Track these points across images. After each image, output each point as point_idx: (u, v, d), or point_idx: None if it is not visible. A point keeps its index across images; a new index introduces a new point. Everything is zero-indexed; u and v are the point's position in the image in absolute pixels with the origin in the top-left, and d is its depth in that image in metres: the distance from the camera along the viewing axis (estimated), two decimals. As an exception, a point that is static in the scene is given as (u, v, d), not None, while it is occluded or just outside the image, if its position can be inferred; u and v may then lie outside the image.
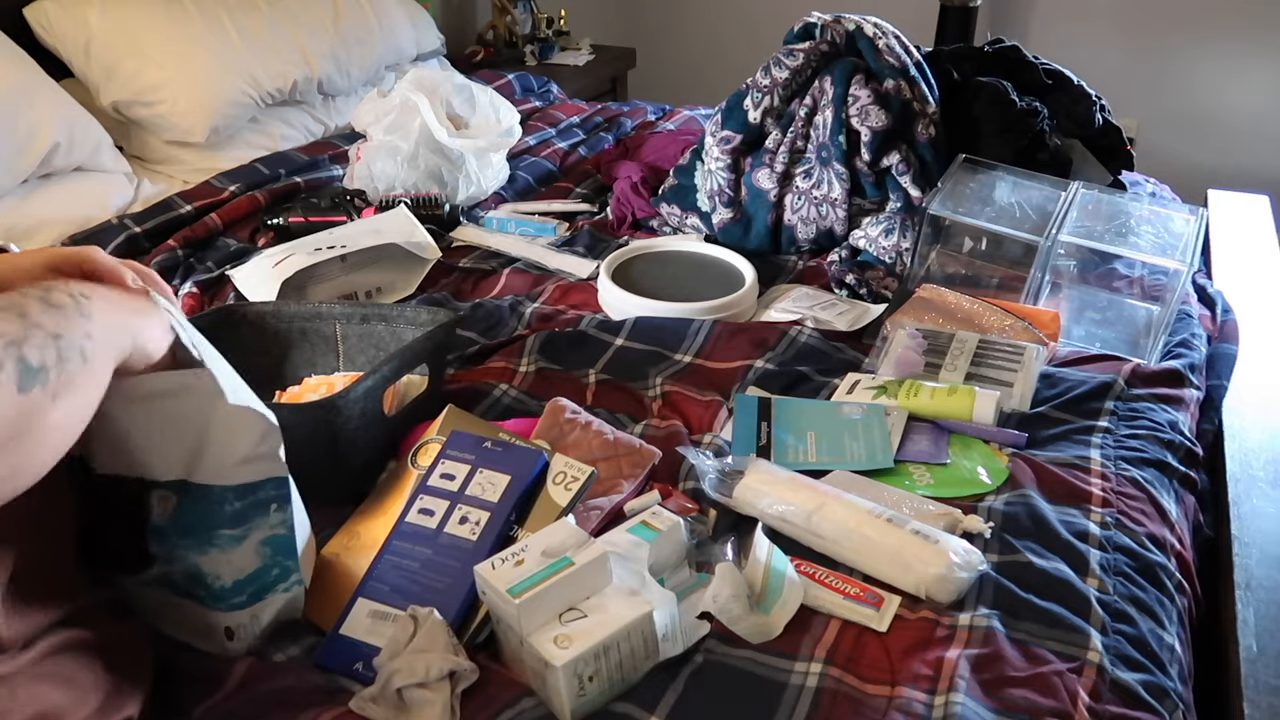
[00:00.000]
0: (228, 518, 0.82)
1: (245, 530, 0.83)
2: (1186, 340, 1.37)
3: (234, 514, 0.82)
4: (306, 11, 2.12)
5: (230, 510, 0.82)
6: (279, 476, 0.83)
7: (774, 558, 0.92)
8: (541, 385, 1.25)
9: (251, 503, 0.83)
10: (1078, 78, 1.73)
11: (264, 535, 0.84)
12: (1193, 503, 1.13)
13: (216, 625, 0.84)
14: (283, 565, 0.85)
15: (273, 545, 0.85)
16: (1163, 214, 1.48)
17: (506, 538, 0.93)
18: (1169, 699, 0.83)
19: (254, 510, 0.83)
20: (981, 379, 1.21)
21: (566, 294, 1.51)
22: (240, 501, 0.82)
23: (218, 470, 0.81)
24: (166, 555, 0.83)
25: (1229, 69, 2.93)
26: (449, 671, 0.79)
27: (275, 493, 0.83)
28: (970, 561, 0.92)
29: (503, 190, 1.90)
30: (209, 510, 0.81)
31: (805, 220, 1.62)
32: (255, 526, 0.83)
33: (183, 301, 1.44)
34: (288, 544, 0.85)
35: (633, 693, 0.82)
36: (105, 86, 1.87)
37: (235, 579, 0.83)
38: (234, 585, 0.83)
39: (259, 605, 0.85)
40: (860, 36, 1.65)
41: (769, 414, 1.17)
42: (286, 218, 1.67)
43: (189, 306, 1.43)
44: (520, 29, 3.01)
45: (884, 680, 0.84)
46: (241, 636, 0.85)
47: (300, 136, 2.11)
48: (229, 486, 0.81)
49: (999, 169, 1.55)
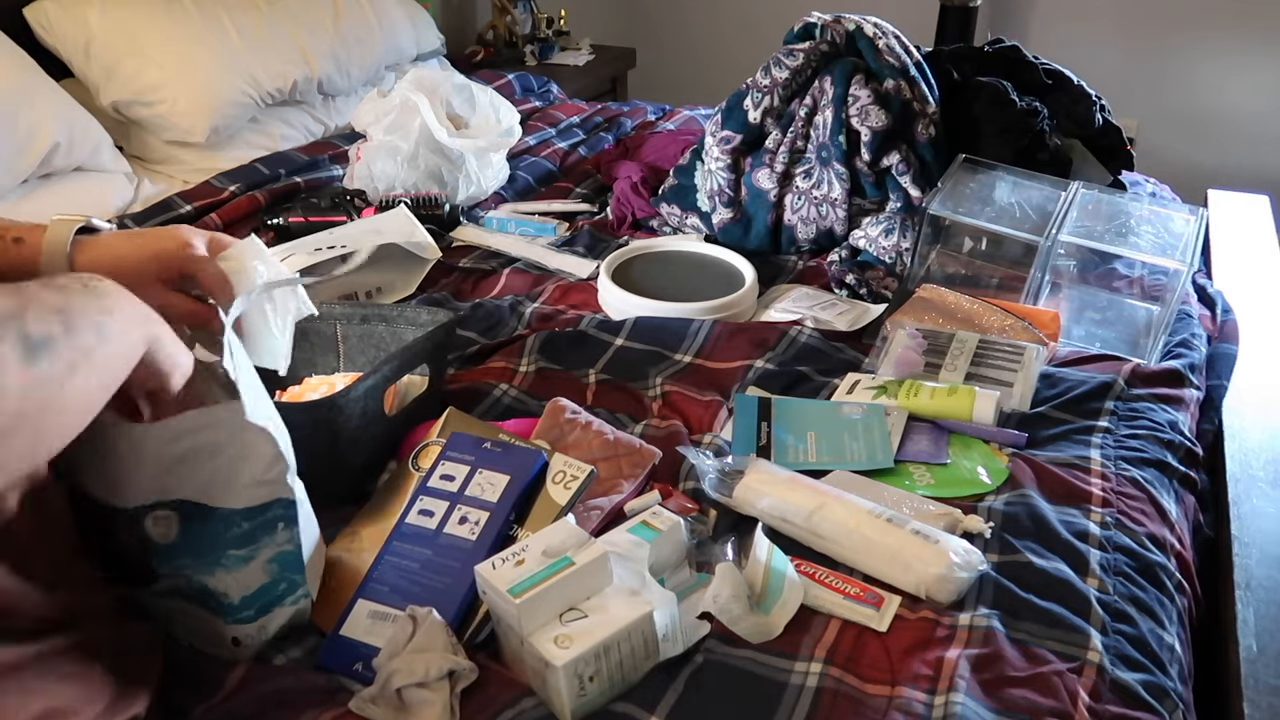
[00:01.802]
0: (235, 539, 0.81)
1: (253, 550, 0.82)
2: (1186, 340, 1.37)
3: (241, 535, 0.82)
4: (306, 11, 2.12)
5: (238, 532, 0.81)
6: (287, 498, 0.83)
7: (774, 558, 0.92)
8: (541, 385, 1.25)
9: (260, 523, 0.82)
10: (1078, 78, 1.73)
11: (272, 554, 0.84)
12: (1193, 503, 1.13)
13: (224, 635, 0.84)
14: (290, 580, 0.85)
15: (280, 562, 0.84)
16: (1163, 214, 1.48)
17: (506, 537, 0.93)
18: (1169, 699, 0.83)
19: (262, 530, 0.83)
20: (981, 379, 1.21)
21: (566, 294, 1.51)
22: (248, 523, 0.82)
23: (225, 494, 0.80)
24: (172, 574, 0.83)
25: (1229, 69, 2.93)
26: (448, 671, 0.79)
27: (283, 513, 0.83)
28: (970, 561, 0.92)
29: (503, 190, 1.90)
30: (216, 532, 0.81)
31: (805, 220, 1.62)
32: (263, 546, 0.83)
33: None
34: (295, 560, 0.85)
35: (633, 693, 0.82)
36: (105, 86, 1.87)
37: (243, 595, 0.83)
38: (241, 601, 0.83)
39: (266, 618, 0.85)
40: (860, 36, 1.65)
41: (769, 414, 1.17)
42: (286, 218, 1.67)
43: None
44: (520, 29, 3.01)
45: (884, 680, 0.84)
46: (249, 645, 0.85)
47: (300, 136, 2.11)
48: (236, 510, 0.81)
49: (999, 169, 1.55)
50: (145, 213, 1.68)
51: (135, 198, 1.78)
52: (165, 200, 1.73)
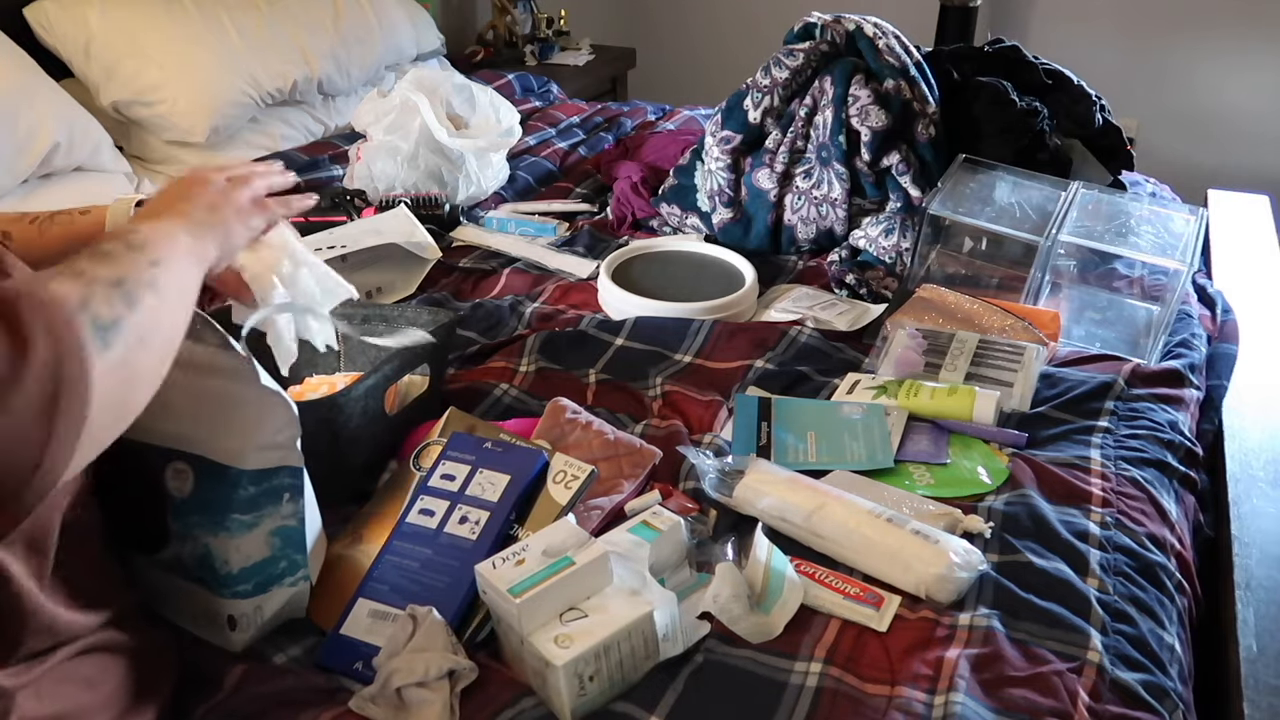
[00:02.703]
0: (242, 502, 0.83)
1: (257, 517, 0.84)
2: (1186, 340, 1.37)
3: (248, 499, 0.83)
4: (306, 11, 2.12)
5: (245, 495, 0.83)
6: (295, 466, 0.84)
7: (774, 558, 0.92)
8: (542, 385, 1.25)
9: (266, 489, 0.84)
10: (1078, 78, 1.73)
11: (275, 525, 0.85)
12: (1193, 503, 1.13)
13: (220, 613, 0.84)
14: (291, 559, 0.86)
15: (282, 536, 0.85)
16: (1163, 214, 1.48)
17: (506, 537, 0.93)
18: (1169, 699, 0.83)
19: (267, 497, 0.84)
20: (981, 379, 1.21)
21: (566, 294, 1.51)
22: (255, 487, 0.83)
23: (238, 452, 0.82)
24: (182, 533, 0.84)
25: (1229, 69, 2.93)
26: (448, 670, 0.79)
27: (290, 482, 0.84)
28: (970, 561, 0.92)
29: (503, 190, 1.90)
30: (224, 491, 0.82)
31: (805, 220, 1.62)
32: (267, 514, 0.84)
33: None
34: (298, 537, 0.86)
35: (633, 692, 0.82)
36: (105, 86, 1.87)
37: (243, 566, 0.84)
38: (240, 572, 0.84)
39: (264, 596, 0.85)
40: (860, 36, 1.65)
41: (769, 414, 1.17)
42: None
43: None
44: (520, 29, 3.01)
45: (884, 680, 0.84)
46: (244, 627, 0.85)
47: (300, 136, 2.11)
48: (245, 470, 0.82)
49: (999, 169, 1.55)
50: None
51: (135, 198, 1.78)
52: (165, 200, 1.73)
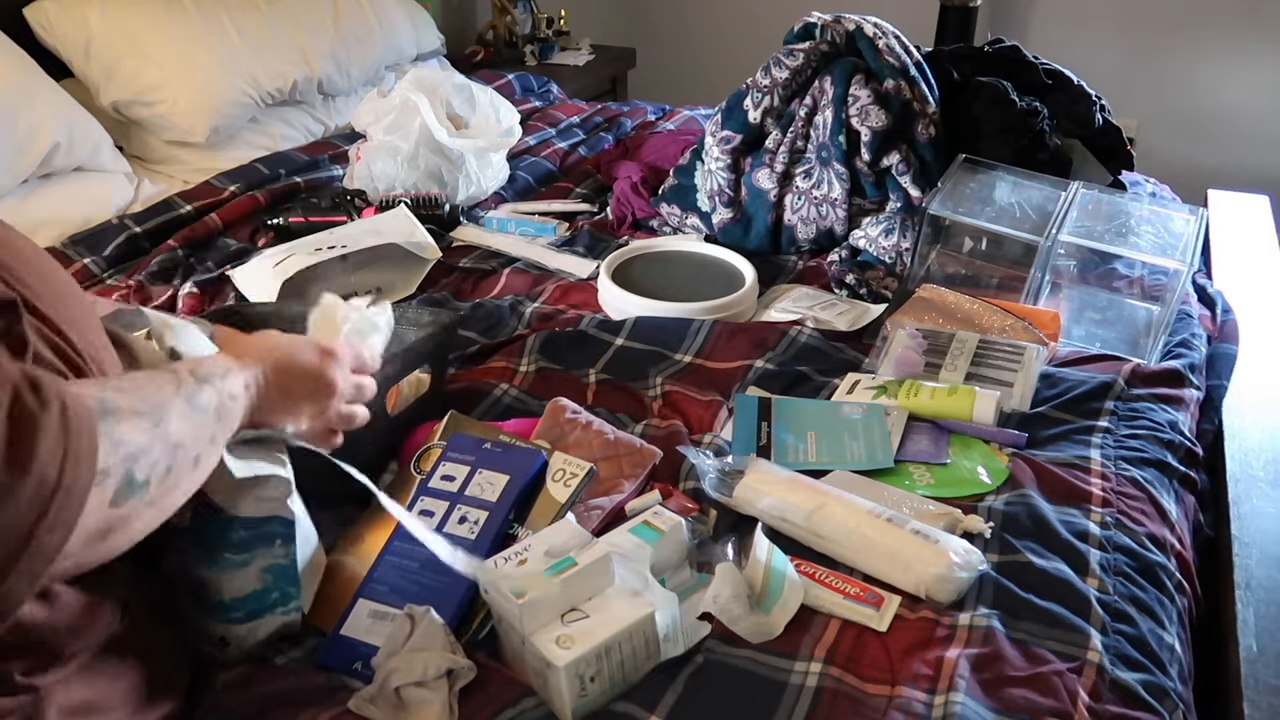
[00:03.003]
0: (234, 543, 0.83)
1: (249, 557, 0.84)
2: (1186, 340, 1.37)
3: (240, 541, 0.83)
4: (306, 11, 2.12)
5: (236, 537, 0.83)
6: (286, 518, 0.84)
7: (774, 558, 0.92)
8: (542, 385, 1.25)
9: (257, 534, 0.84)
10: (1078, 78, 1.73)
11: (267, 563, 0.85)
12: (1193, 503, 1.13)
13: (213, 633, 0.84)
14: (284, 590, 0.86)
15: (274, 573, 0.85)
16: (1163, 214, 1.48)
17: (506, 536, 0.93)
18: (1169, 699, 0.83)
19: (259, 541, 0.84)
20: (981, 379, 1.21)
21: (566, 294, 1.51)
22: (246, 531, 0.83)
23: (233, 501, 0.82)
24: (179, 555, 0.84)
25: (1229, 69, 2.93)
26: (446, 670, 0.79)
27: (281, 530, 0.84)
28: (970, 561, 0.92)
29: (503, 190, 1.90)
30: (218, 530, 0.82)
31: (805, 220, 1.62)
32: (259, 555, 0.84)
33: (183, 301, 1.44)
34: (290, 572, 0.86)
35: (633, 692, 0.82)
36: (105, 86, 1.87)
37: (235, 596, 0.84)
38: (233, 601, 0.84)
39: (256, 623, 0.85)
40: (860, 36, 1.65)
41: (769, 414, 1.17)
42: (287, 218, 1.67)
43: (189, 306, 1.43)
44: (520, 29, 3.01)
45: (884, 680, 0.84)
46: (236, 647, 0.85)
47: (300, 136, 2.11)
48: (236, 517, 0.82)
49: (999, 169, 1.55)
50: (145, 212, 1.68)
51: (135, 198, 1.78)
52: (165, 200, 1.73)
